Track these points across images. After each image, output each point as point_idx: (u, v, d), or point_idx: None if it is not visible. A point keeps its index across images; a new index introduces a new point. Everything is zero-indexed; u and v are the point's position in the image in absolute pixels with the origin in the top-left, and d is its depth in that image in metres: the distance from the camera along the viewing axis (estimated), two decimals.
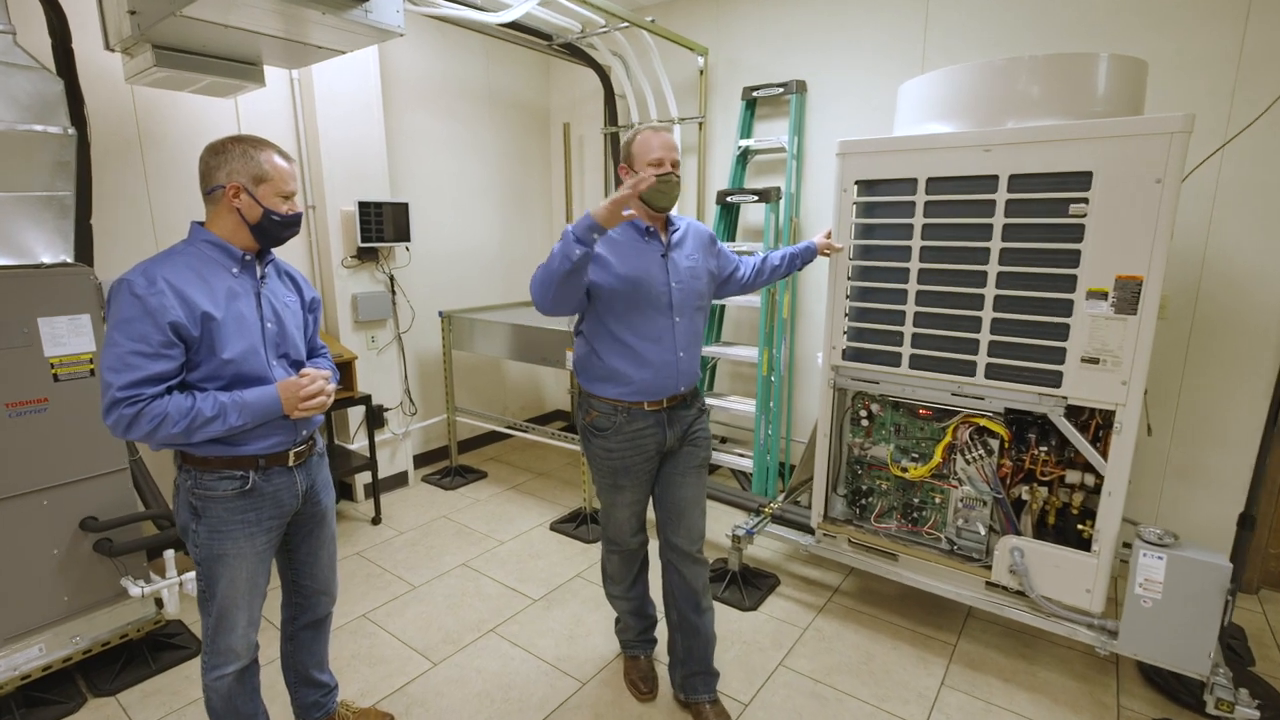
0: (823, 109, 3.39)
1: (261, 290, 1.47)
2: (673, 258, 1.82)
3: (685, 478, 1.91)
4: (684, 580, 1.94)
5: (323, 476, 1.65)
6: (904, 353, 2.16)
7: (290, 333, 1.52)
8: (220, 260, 1.42)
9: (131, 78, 2.34)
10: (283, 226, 1.46)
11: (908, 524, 2.31)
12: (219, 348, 1.36)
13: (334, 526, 1.73)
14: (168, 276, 1.33)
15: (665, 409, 1.84)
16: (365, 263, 3.41)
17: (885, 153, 2.10)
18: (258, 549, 1.48)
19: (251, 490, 1.45)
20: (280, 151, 1.47)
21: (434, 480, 3.82)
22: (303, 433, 1.52)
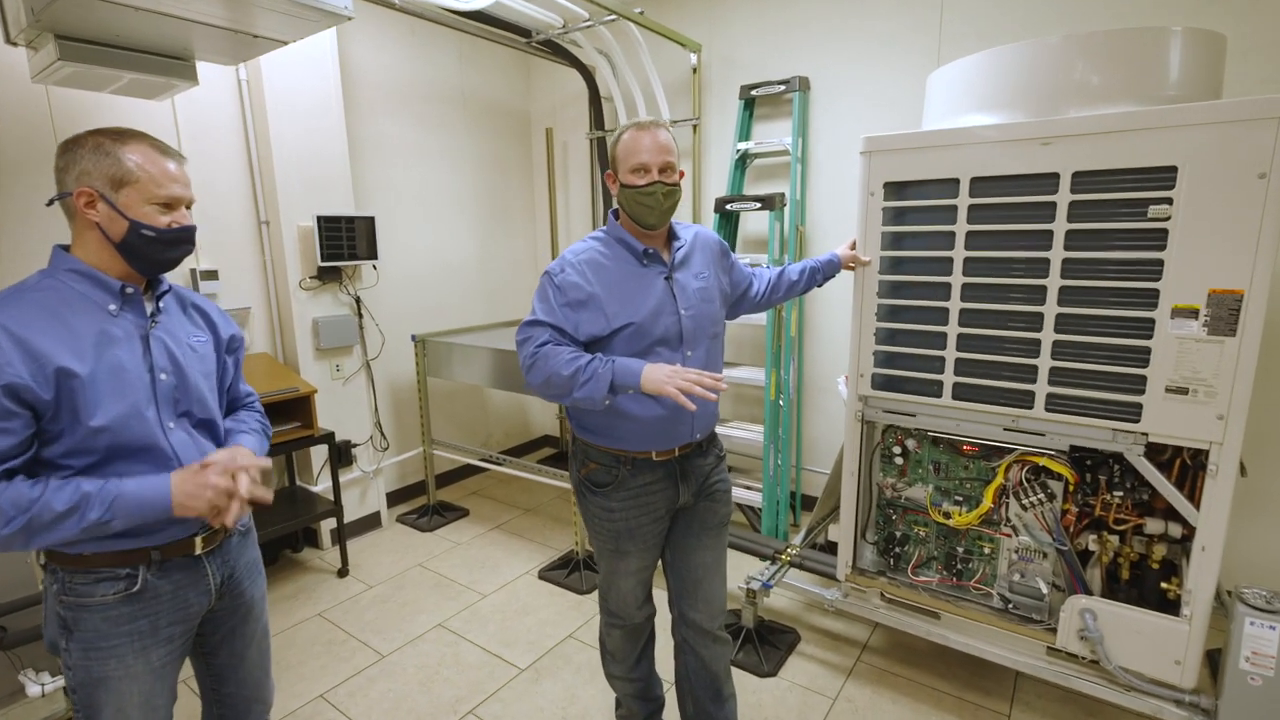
0: (828, 107, 3.11)
1: (151, 331, 1.13)
2: (679, 280, 1.52)
3: (702, 539, 1.60)
4: (702, 664, 1.62)
5: (247, 559, 1.31)
6: (946, 381, 1.86)
7: (194, 384, 1.18)
8: (90, 295, 1.09)
9: (37, 75, 1.99)
10: (161, 245, 1.10)
11: (951, 577, 2.00)
12: (84, 413, 1.03)
13: (265, 618, 1.37)
14: (7, 323, 1.00)
15: (677, 459, 1.54)
16: (327, 283, 3.07)
17: (920, 149, 1.81)
18: (153, 666, 1.13)
19: (142, 592, 1.10)
20: (155, 143, 1.12)
21: (410, 520, 3.46)
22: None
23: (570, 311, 1.44)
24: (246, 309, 2.92)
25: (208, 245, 2.77)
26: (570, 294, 1.44)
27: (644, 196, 1.44)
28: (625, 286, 1.46)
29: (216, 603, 1.24)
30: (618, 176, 1.48)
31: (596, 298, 1.44)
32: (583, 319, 1.44)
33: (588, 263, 1.48)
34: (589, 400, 1.37)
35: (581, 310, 1.44)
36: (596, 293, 1.44)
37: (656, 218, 1.47)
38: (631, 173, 1.44)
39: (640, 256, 1.50)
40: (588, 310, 1.44)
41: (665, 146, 1.44)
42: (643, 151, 1.43)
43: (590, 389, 1.35)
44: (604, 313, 1.44)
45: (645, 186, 1.43)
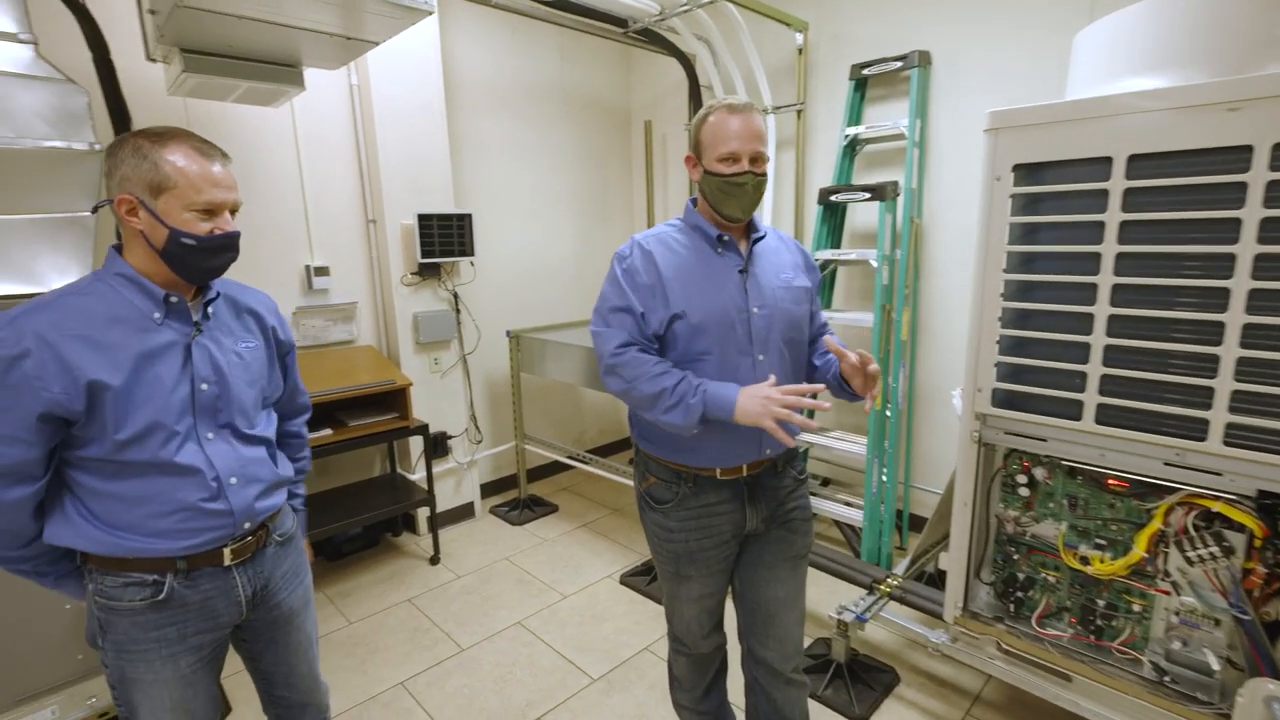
0: (952, 85, 2.76)
1: (195, 340, 1.10)
2: (755, 275, 1.38)
3: (775, 572, 1.44)
4: (775, 708, 1.47)
5: (286, 568, 1.26)
6: (1088, 401, 1.55)
7: (237, 394, 1.14)
8: (135, 301, 1.06)
9: (170, 88, 2.18)
10: (203, 253, 1.06)
11: (1088, 634, 1.68)
12: (113, 425, 1.00)
13: (308, 627, 1.34)
14: (44, 330, 0.97)
15: (746, 478, 1.39)
16: (427, 279, 3.17)
17: (1060, 123, 1.51)
18: (182, 672, 1.12)
19: (168, 601, 1.08)
20: (196, 145, 1.06)
21: (501, 513, 3.52)
22: (244, 525, 1.14)
23: (644, 296, 1.33)
24: (354, 304, 3.07)
25: (321, 243, 2.94)
26: (635, 277, 1.34)
27: (731, 187, 1.30)
28: (693, 275, 1.34)
29: (250, 614, 1.22)
30: (700, 161, 1.34)
31: (660, 283, 1.32)
32: (651, 304, 1.33)
33: (657, 246, 1.37)
34: (675, 427, 1.26)
35: (641, 293, 1.33)
36: (661, 278, 1.32)
37: (742, 210, 1.33)
38: (719, 160, 1.30)
39: (715, 244, 1.37)
40: (646, 292, 1.33)
41: (758, 133, 1.30)
42: (733, 138, 1.28)
43: (676, 416, 1.24)
44: (663, 297, 1.32)
45: (734, 176, 1.29)
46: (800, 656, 1.50)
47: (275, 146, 2.77)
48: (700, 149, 1.34)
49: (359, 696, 2.13)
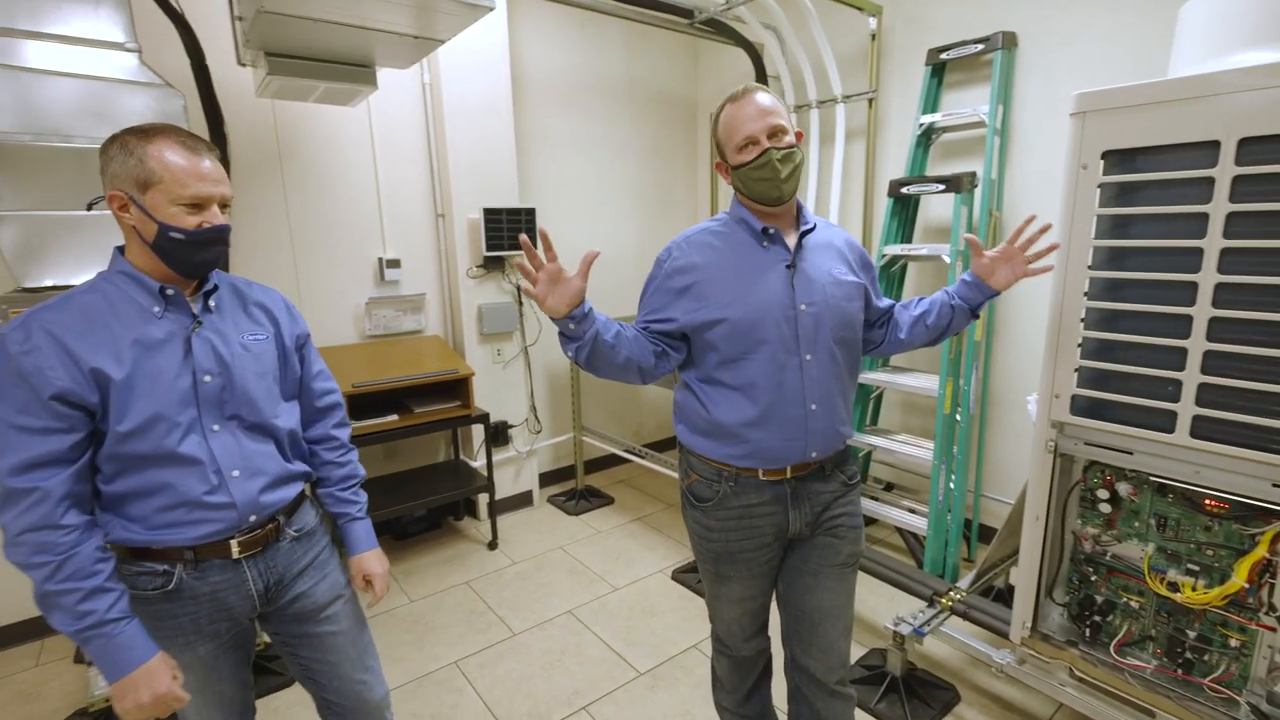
0: (1039, 68, 2.57)
1: (196, 333, 1.11)
2: (804, 269, 1.31)
3: (820, 580, 1.39)
4: (817, 717, 1.41)
5: (307, 563, 1.25)
6: (1182, 411, 1.41)
7: (244, 386, 1.15)
8: (135, 298, 1.08)
9: (258, 90, 2.32)
10: (191, 247, 1.06)
11: (1175, 667, 1.53)
12: (114, 417, 1.03)
13: (345, 624, 1.31)
14: (51, 327, 1.01)
15: (790, 480, 1.34)
16: (491, 272, 3.25)
17: (1159, 105, 1.37)
18: (201, 658, 1.15)
19: (178, 591, 1.10)
20: (182, 139, 1.06)
21: (558, 502, 3.58)
22: (250, 518, 1.14)
23: (672, 299, 1.32)
24: (423, 295, 3.19)
25: (393, 236, 3.07)
26: (675, 280, 1.32)
27: (758, 170, 1.25)
28: (734, 272, 1.30)
29: (265, 607, 1.21)
30: (727, 162, 1.31)
31: (700, 283, 1.29)
32: (680, 306, 1.31)
33: (698, 244, 1.34)
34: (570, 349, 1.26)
35: (683, 296, 1.31)
36: (701, 277, 1.30)
37: (779, 188, 1.26)
38: (739, 151, 1.26)
39: (760, 237, 1.32)
40: (688, 296, 1.30)
41: (767, 109, 1.24)
42: (745, 122, 1.24)
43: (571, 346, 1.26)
44: (704, 299, 1.29)
45: (757, 159, 1.24)
46: (846, 669, 1.43)
47: (353, 145, 2.91)
48: (723, 151, 1.31)
49: (415, 672, 2.22)
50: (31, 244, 1.82)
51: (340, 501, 1.37)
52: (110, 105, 1.92)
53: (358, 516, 1.38)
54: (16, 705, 2.11)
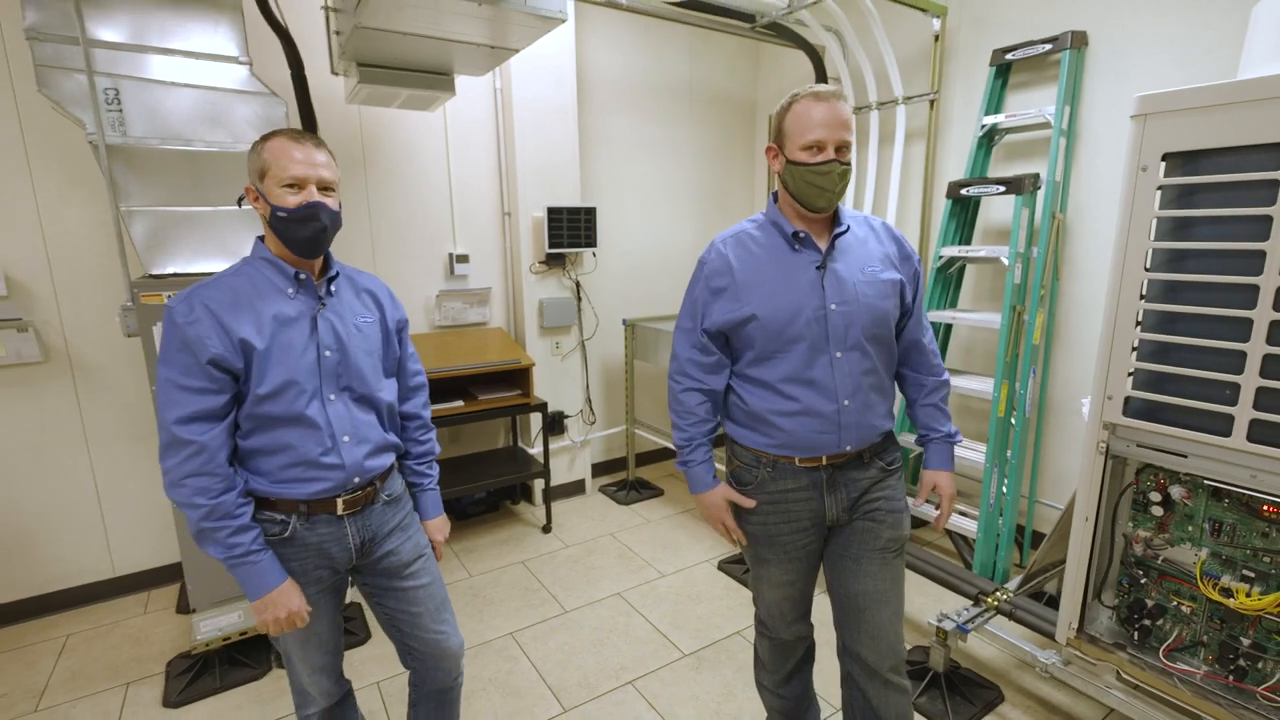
0: (1110, 68, 2.52)
1: (320, 313, 1.28)
2: (835, 270, 1.35)
3: (863, 565, 1.42)
4: (870, 708, 1.44)
5: (395, 524, 1.41)
6: (1239, 415, 1.40)
7: (356, 362, 1.31)
8: (273, 280, 1.26)
9: (349, 97, 2.53)
10: (292, 223, 1.20)
11: (1226, 674, 1.51)
12: (255, 381, 1.20)
13: (426, 580, 1.45)
14: (209, 302, 1.19)
15: (826, 467, 1.39)
16: (552, 269, 3.40)
17: (1222, 106, 1.37)
18: (307, 597, 1.30)
19: (291, 539, 1.27)
20: (292, 134, 1.23)
21: (609, 492, 3.71)
22: (354, 479, 1.30)
23: (710, 299, 1.40)
24: (488, 289, 3.37)
25: (462, 233, 3.26)
26: (713, 281, 1.40)
27: (816, 176, 1.28)
28: (767, 272, 1.35)
29: (360, 559, 1.37)
30: (783, 151, 1.32)
31: (735, 283, 1.36)
32: (718, 306, 1.39)
33: (736, 246, 1.41)
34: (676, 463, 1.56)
35: (719, 296, 1.38)
36: (735, 278, 1.36)
37: (827, 200, 1.31)
38: (803, 150, 1.28)
39: (790, 241, 1.36)
40: (725, 296, 1.38)
41: (845, 121, 1.28)
42: (819, 126, 1.26)
43: (676, 462, 1.55)
44: (738, 299, 1.36)
45: (818, 165, 1.27)
46: (898, 657, 1.44)
47: (430, 147, 3.11)
48: (783, 138, 1.32)
49: (474, 640, 2.38)
50: (157, 235, 2.06)
51: (418, 474, 1.53)
52: (224, 112, 2.15)
53: (430, 488, 1.55)
54: (128, 646, 2.38)
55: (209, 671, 2.16)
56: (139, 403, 2.61)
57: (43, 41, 1.90)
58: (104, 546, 2.65)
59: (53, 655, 2.32)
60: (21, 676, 2.21)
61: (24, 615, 2.53)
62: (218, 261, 2.12)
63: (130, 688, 2.15)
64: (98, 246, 2.48)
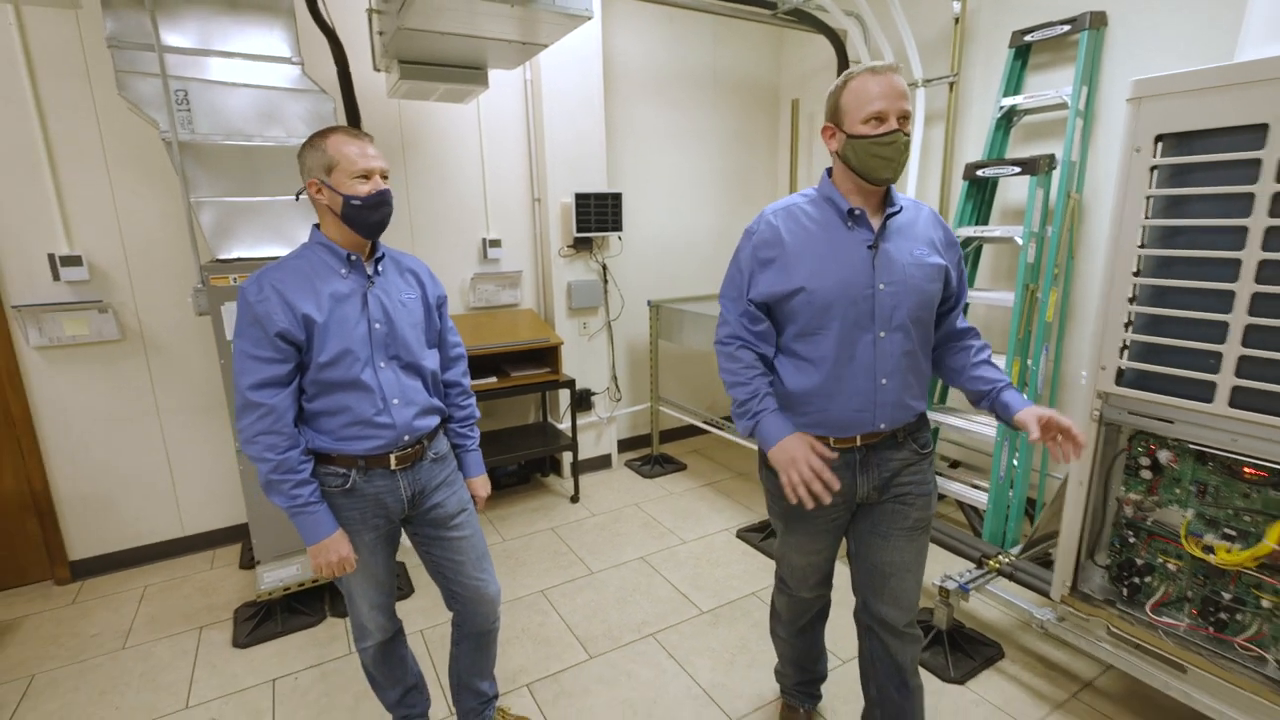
0: (1129, 49, 2.55)
1: (369, 290, 1.44)
2: (886, 250, 1.35)
3: (890, 541, 1.48)
4: (888, 653, 1.55)
5: (441, 480, 1.57)
6: (1222, 382, 1.48)
7: (403, 333, 1.47)
8: (329, 262, 1.42)
9: (390, 92, 2.70)
10: (366, 209, 1.38)
11: (1207, 626, 1.61)
12: (316, 350, 1.37)
13: (468, 531, 1.62)
14: (275, 283, 1.36)
15: (860, 448, 1.42)
16: (580, 252, 3.55)
17: (1210, 89, 1.45)
18: (366, 543, 1.49)
19: (352, 491, 1.45)
20: (348, 131, 1.40)
21: (635, 466, 3.88)
22: (404, 438, 1.47)
23: (757, 269, 1.41)
24: (519, 272, 3.54)
25: (495, 218, 3.43)
26: (762, 251, 1.40)
27: (881, 147, 1.27)
28: (818, 247, 1.36)
29: (411, 510, 1.53)
30: (843, 128, 1.32)
31: (786, 255, 1.37)
32: (764, 277, 1.39)
33: (787, 218, 1.40)
34: (740, 428, 1.46)
35: (767, 268, 1.39)
36: (785, 249, 1.37)
37: (893, 171, 1.30)
38: (864, 123, 1.28)
39: (845, 218, 1.36)
40: (773, 268, 1.38)
41: (903, 92, 1.28)
42: (879, 98, 1.26)
43: (741, 424, 1.44)
44: (787, 270, 1.36)
45: (883, 135, 1.26)
46: (915, 613, 1.52)
47: (464, 138, 3.28)
48: (841, 115, 1.32)
49: (507, 596, 2.57)
50: (222, 224, 2.26)
51: (461, 435, 1.70)
52: (279, 109, 2.35)
53: (472, 449, 1.72)
54: (199, 596, 2.64)
55: (271, 618, 2.40)
56: (204, 378, 2.86)
57: (122, 49, 2.10)
58: (174, 508, 2.92)
59: (134, 603, 2.60)
60: (110, 620, 2.49)
61: (107, 568, 2.82)
62: (276, 246, 2.32)
63: (203, 631, 2.40)
64: (166, 236, 2.71)
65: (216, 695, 2.06)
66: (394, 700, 1.75)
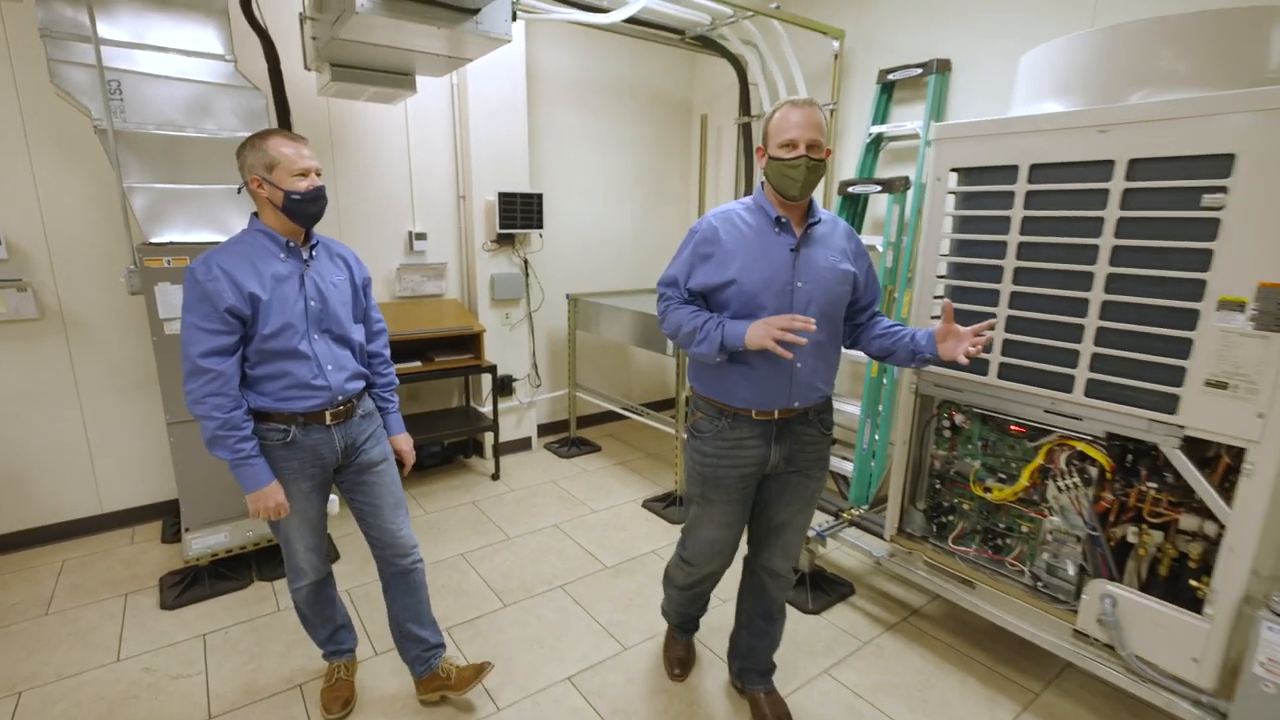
0: (971, 90, 3.07)
1: (306, 273, 1.65)
2: (805, 254, 1.59)
3: (789, 506, 1.75)
4: (765, 591, 1.88)
5: (370, 433, 1.81)
6: (993, 360, 1.94)
7: (334, 310, 1.69)
8: (269, 247, 1.62)
9: (320, 91, 2.87)
10: (306, 203, 1.59)
11: (989, 550, 2.08)
12: (260, 324, 1.58)
13: (389, 481, 1.83)
14: (223, 264, 1.55)
15: (776, 421, 1.65)
16: (503, 247, 3.80)
17: (984, 137, 1.90)
18: (303, 491, 1.71)
19: (292, 443, 1.66)
20: (287, 135, 1.60)
21: (553, 448, 4.16)
22: (338, 398, 1.69)
23: (697, 263, 1.62)
24: (444, 264, 3.76)
25: (421, 212, 3.63)
26: (702, 247, 1.61)
27: (789, 169, 1.51)
28: (750, 247, 1.57)
29: (343, 459, 1.75)
30: (767, 150, 1.56)
31: (722, 252, 1.58)
32: (703, 269, 1.60)
33: (725, 221, 1.62)
34: (704, 356, 1.58)
35: (706, 262, 1.60)
36: (723, 247, 1.58)
37: (798, 190, 1.53)
38: (780, 147, 1.51)
39: (773, 224, 1.59)
40: (711, 262, 1.59)
41: (815, 124, 1.50)
42: (793, 128, 1.50)
43: (704, 347, 1.57)
44: (722, 265, 1.57)
45: (791, 160, 1.50)
46: (795, 562, 1.83)
47: (391, 135, 3.47)
48: (767, 139, 1.56)
49: (429, 559, 2.80)
50: (154, 209, 2.39)
51: (383, 399, 1.94)
52: (211, 103, 2.49)
53: (393, 411, 1.97)
54: (121, 567, 2.72)
55: (199, 583, 2.54)
56: (126, 358, 2.93)
57: (55, 39, 2.21)
58: (92, 486, 2.97)
59: (53, 575, 2.65)
60: (28, 590, 2.54)
61: (21, 545, 2.84)
62: (207, 231, 2.46)
63: (129, 597, 2.51)
64: (88, 218, 2.77)
65: (146, 650, 2.21)
66: (324, 637, 1.97)
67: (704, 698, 2.03)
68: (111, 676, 2.08)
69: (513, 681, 2.09)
